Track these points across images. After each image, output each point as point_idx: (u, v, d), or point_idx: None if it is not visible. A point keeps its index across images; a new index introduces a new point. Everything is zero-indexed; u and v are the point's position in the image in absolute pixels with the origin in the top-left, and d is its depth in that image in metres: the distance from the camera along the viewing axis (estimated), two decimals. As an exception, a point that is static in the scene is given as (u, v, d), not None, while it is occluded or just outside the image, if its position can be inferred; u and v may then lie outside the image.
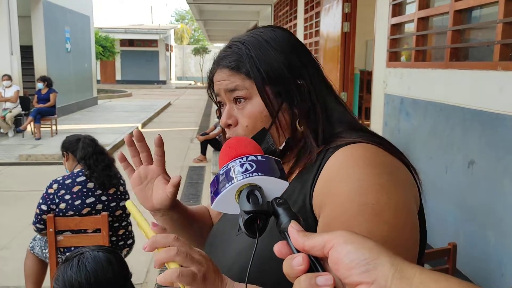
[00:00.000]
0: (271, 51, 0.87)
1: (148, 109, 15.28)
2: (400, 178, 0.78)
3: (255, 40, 0.88)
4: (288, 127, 0.88)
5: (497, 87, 2.63)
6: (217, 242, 0.98)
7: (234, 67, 0.87)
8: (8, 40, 10.39)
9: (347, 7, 5.36)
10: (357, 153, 0.79)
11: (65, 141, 2.98)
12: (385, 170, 0.76)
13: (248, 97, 0.87)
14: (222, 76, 0.89)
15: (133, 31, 30.80)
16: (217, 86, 0.91)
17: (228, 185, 0.60)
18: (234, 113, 0.89)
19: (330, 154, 0.82)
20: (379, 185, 0.73)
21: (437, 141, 3.31)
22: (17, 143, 9.22)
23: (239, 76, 0.87)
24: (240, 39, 0.91)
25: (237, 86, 0.87)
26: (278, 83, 0.86)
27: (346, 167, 0.77)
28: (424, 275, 0.44)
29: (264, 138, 0.87)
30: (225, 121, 0.89)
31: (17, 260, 3.67)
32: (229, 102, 0.89)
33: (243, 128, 0.88)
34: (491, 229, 2.71)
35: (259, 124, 0.87)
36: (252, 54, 0.86)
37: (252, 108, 0.87)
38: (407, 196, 0.76)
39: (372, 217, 0.70)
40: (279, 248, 0.52)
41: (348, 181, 0.74)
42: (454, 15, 3.09)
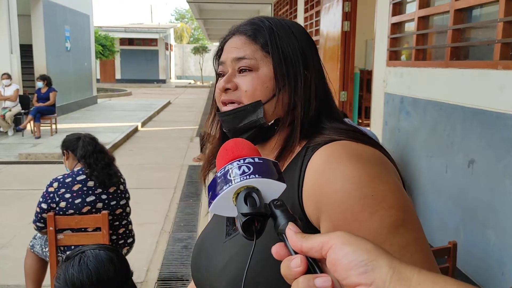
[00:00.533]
0: (292, 35, 0.90)
1: (148, 108, 15.28)
2: (384, 166, 0.79)
3: (278, 21, 0.92)
4: (283, 108, 0.89)
5: (497, 86, 2.63)
6: (205, 250, 0.98)
7: (251, 35, 0.90)
8: (8, 39, 10.38)
9: (347, 6, 5.36)
10: (338, 151, 0.79)
11: (65, 140, 2.97)
12: (369, 161, 0.77)
13: (254, 68, 0.88)
14: (235, 43, 0.91)
15: (133, 30, 30.78)
16: (226, 53, 0.92)
17: (225, 187, 0.60)
18: (235, 80, 0.90)
19: (310, 154, 0.82)
20: (369, 176, 0.74)
21: (437, 140, 3.31)
22: (17, 142, 9.22)
23: (253, 46, 0.89)
24: (263, 16, 0.94)
25: (247, 55, 0.88)
26: (289, 65, 0.88)
27: (330, 166, 0.77)
28: (422, 277, 0.44)
29: (256, 111, 0.88)
30: (223, 84, 0.90)
31: (17, 259, 3.67)
32: (232, 70, 0.90)
33: (242, 93, 0.89)
34: (492, 228, 2.71)
35: (258, 94, 0.88)
36: (275, 29, 0.89)
37: (256, 77, 0.88)
38: (396, 181, 0.78)
39: (376, 206, 0.71)
40: (277, 250, 0.52)
41: (338, 179, 0.75)
42: (454, 14, 3.09)
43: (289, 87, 0.88)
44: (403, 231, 0.71)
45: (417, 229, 0.73)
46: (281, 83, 0.88)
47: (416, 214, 0.76)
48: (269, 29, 0.89)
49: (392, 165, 0.83)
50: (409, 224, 0.72)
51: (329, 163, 0.77)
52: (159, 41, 30.92)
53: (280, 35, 0.89)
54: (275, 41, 0.88)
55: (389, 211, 0.71)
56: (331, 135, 0.84)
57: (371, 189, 0.72)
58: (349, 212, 0.72)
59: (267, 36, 0.89)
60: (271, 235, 0.58)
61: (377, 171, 0.76)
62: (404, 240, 0.70)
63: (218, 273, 0.88)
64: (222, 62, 0.93)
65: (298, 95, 0.89)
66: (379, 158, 0.80)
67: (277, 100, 0.88)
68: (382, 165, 0.79)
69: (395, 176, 0.79)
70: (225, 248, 0.90)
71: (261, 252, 0.72)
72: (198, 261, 0.98)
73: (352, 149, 0.79)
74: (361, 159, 0.77)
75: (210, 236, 0.99)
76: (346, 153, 0.78)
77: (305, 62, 0.90)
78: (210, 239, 0.98)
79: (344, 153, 0.78)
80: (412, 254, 0.70)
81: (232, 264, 0.85)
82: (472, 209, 2.92)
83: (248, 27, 0.91)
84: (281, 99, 0.88)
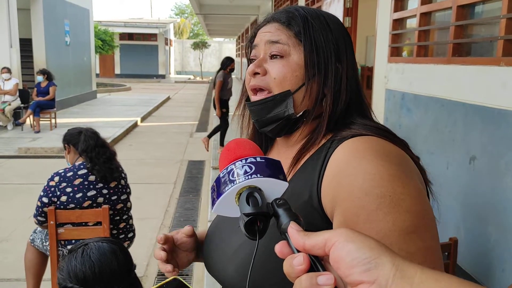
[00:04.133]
0: (326, 26, 0.90)
1: (148, 103, 15.26)
2: (408, 168, 0.78)
3: (314, 12, 0.91)
4: (312, 99, 0.88)
5: (499, 82, 2.63)
6: (218, 232, 0.98)
7: (285, 22, 0.89)
8: (8, 33, 10.35)
9: (349, 2, 5.35)
10: (363, 146, 0.78)
11: (66, 134, 2.97)
12: (393, 161, 0.75)
13: (285, 54, 0.88)
14: (270, 28, 0.91)
15: (132, 25, 30.71)
16: (259, 37, 0.92)
17: (227, 188, 0.60)
18: (265, 65, 0.89)
19: (335, 146, 0.81)
20: (391, 176, 0.72)
21: (438, 137, 3.31)
22: (16, 136, 9.21)
23: (287, 33, 0.88)
24: (298, 6, 0.94)
25: (281, 39, 0.88)
26: (321, 55, 0.87)
27: (354, 160, 0.76)
28: (425, 275, 0.44)
29: (285, 101, 0.87)
30: (253, 68, 0.89)
31: (17, 253, 3.67)
32: (264, 55, 0.90)
33: (271, 79, 0.88)
34: (492, 224, 2.72)
35: (287, 82, 0.87)
36: (309, 18, 0.89)
37: (287, 65, 0.87)
38: (418, 184, 0.76)
39: (391, 208, 0.70)
40: (280, 248, 0.52)
41: (358, 175, 0.73)
42: (457, 10, 3.09)
43: (319, 78, 0.87)
44: (415, 237, 0.69)
45: (430, 238, 0.71)
46: (311, 72, 0.87)
47: (434, 223, 0.74)
48: (303, 17, 0.89)
49: (417, 168, 0.81)
50: (423, 232, 0.70)
51: (353, 157, 0.76)
52: (159, 36, 30.85)
53: (314, 25, 0.88)
54: (308, 30, 0.87)
55: (404, 215, 0.69)
56: (359, 130, 0.83)
57: (390, 189, 0.71)
58: (363, 209, 0.71)
59: (301, 24, 0.88)
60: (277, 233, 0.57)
61: (400, 172, 0.74)
62: (413, 247, 0.68)
63: (229, 256, 0.88)
64: (255, 45, 0.92)
65: (327, 87, 0.87)
66: (405, 159, 0.79)
67: (306, 90, 0.87)
68: (406, 166, 0.77)
69: (417, 180, 0.77)
70: (238, 235, 0.89)
71: (267, 249, 0.72)
72: (211, 242, 0.98)
73: (378, 146, 0.78)
74: (386, 157, 0.75)
75: (225, 219, 0.98)
76: (371, 149, 0.77)
77: (337, 54, 0.89)
78: (224, 223, 0.98)
79: (370, 148, 0.77)
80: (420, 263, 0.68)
81: (243, 250, 0.85)
82: (473, 205, 2.92)
83: (283, 14, 0.91)
84: (309, 90, 0.87)
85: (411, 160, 0.81)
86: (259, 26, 0.94)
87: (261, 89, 0.90)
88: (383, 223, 0.69)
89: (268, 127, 0.90)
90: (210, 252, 0.96)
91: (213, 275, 0.95)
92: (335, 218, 0.76)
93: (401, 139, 0.85)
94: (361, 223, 0.70)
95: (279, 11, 0.93)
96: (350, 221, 0.72)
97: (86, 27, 16.10)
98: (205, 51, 32.47)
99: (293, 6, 0.94)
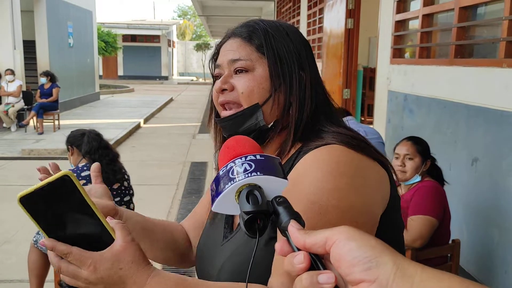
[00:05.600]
0: (286, 36, 0.91)
1: (150, 105, 15.28)
2: (363, 180, 0.79)
3: (273, 23, 0.93)
4: (280, 108, 0.90)
5: (502, 84, 2.63)
6: (204, 254, 0.99)
7: (246, 37, 0.91)
8: (11, 35, 10.39)
9: (351, 3, 5.35)
10: (323, 156, 0.80)
11: (70, 136, 2.98)
12: (347, 173, 0.78)
13: (250, 69, 0.89)
14: (231, 46, 0.92)
15: (135, 27, 30.76)
16: (222, 56, 0.93)
17: (227, 186, 0.59)
18: (231, 80, 0.91)
19: (300, 157, 0.84)
20: (334, 188, 0.76)
21: (441, 138, 3.31)
22: (20, 138, 9.24)
23: (249, 48, 0.90)
24: (257, 19, 0.95)
25: (242, 56, 0.89)
26: (284, 65, 0.89)
27: (309, 169, 0.79)
28: (425, 274, 0.44)
29: (255, 114, 0.89)
30: (220, 85, 0.90)
31: (20, 254, 3.68)
32: (228, 71, 0.91)
33: (238, 94, 0.89)
34: (495, 226, 2.71)
35: (254, 95, 0.88)
36: (269, 30, 0.91)
37: (252, 78, 0.89)
38: (367, 200, 0.78)
39: (316, 215, 0.73)
40: (281, 247, 0.52)
41: (306, 182, 0.77)
42: (459, 11, 3.08)
43: (285, 87, 0.89)
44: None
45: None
46: (276, 83, 0.88)
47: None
48: (263, 30, 0.90)
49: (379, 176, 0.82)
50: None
51: (309, 165, 0.80)
52: (162, 37, 30.89)
53: (274, 36, 0.90)
54: (270, 42, 0.89)
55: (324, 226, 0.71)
56: (325, 139, 0.85)
57: (324, 199, 0.75)
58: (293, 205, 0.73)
59: (262, 37, 0.90)
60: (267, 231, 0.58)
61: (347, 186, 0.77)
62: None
63: (216, 276, 0.89)
64: (218, 65, 0.94)
65: (293, 95, 0.89)
66: (361, 169, 0.81)
67: (273, 100, 0.89)
68: (359, 177, 0.79)
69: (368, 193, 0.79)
70: (222, 251, 0.91)
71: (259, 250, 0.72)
72: (200, 264, 1.01)
73: (338, 155, 0.80)
74: (338, 169, 0.78)
75: (209, 239, 1.00)
76: (330, 159, 0.79)
77: (300, 63, 0.90)
78: (208, 242, 0.99)
79: (328, 158, 0.79)
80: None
81: (227, 267, 0.86)
82: (475, 207, 2.92)
83: (243, 29, 0.92)
84: (277, 100, 0.89)
85: (373, 168, 0.82)
86: (221, 42, 0.96)
87: (228, 103, 0.91)
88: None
89: None
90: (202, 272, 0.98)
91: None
92: None
93: (368, 145, 0.85)
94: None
95: (239, 25, 0.95)
96: None
97: (89, 29, 16.14)
98: (208, 53, 32.49)
99: (253, 19, 0.96)
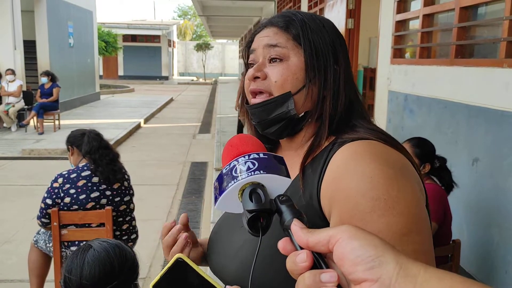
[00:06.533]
0: (322, 28, 0.90)
1: (151, 105, 15.28)
2: (407, 173, 0.79)
3: (310, 15, 0.93)
4: (313, 100, 0.89)
5: (503, 84, 2.63)
6: (222, 232, 0.99)
7: (283, 26, 0.90)
8: (12, 35, 10.39)
9: (352, 3, 5.34)
10: (363, 149, 0.79)
11: (70, 136, 2.98)
12: (391, 165, 0.77)
13: (285, 57, 0.88)
14: (268, 33, 0.91)
15: (135, 27, 30.77)
16: (257, 41, 0.92)
17: (230, 184, 0.59)
18: (265, 69, 0.90)
19: (336, 149, 0.82)
20: (387, 179, 0.74)
21: (441, 138, 3.31)
22: (20, 138, 9.24)
23: (285, 36, 0.89)
24: (294, 10, 0.95)
25: (280, 43, 0.88)
26: (320, 57, 0.88)
27: (353, 163, 0.77)
28: (428, 273, 0.44)
29: (286, 103, 0.88)
30: (253, 73, 0.89)
31: (21, 254, 3.69)
32: (263, 59, 0.90)
33: (271, 83, 0.88)
34: (495, 226, 2.71)
35: (288, 85, 0.87)
36: (306, 21, 0.90)
37: (287, 67, 0.88)
38: (416, 189, 0.77)
39: (385, 211, 0.71)
40: (284, 245, 0.52)
41: (356, 177, 0.75)
42: (460, 11, 3.08)
43: (319, 80, 0.88)
44: (407, 240, 0.70)
45: (422, 242, 0.72)
46: (311, 74, 0.87)
47: (427, 227, 0.76)
48: (301, 21, 0.89)
49: (416, 173, 0.82)
50: (415, 235, 0.72)
51: (352, 160, 0.78)
52: (162, 37, 30.89)
53: (312, 28, 0.89)
54: (307, 33, 0.88)
55: (397, 218, 0.71)
56: (360, 133, 0.84)
57: (385, 192, 0.72)
58: (358, 210, 0.72)
59: (299, 27, 0.89)
60: (280, 230, 0.58)
61: (397, 175, 0.75)
62: (405, 249, 0.69)
63: (232, 256, 0.89)
64: (253, 50, 0.93)
65: (327, 88, 0.88)
66: (403, 164, 0.80)
67: (306, 92, 0.87)
68: (404, 171, 0.78)
69: (415, 184, 0.78)
70: (241, 233, 0.90)
71: (270, 247, 0.72)
72: (214, 241, 0.99)
73: (378, 150, 0.79)
74: (384, 161, 0.76)
75: (229, 219, 0.99)
76: (370, 153, 0.78)
77: (335, 56, 0.90)
78: (228, 222, 0.98)
79: (369, 152, 0.78)
80: None
81: (244, 251, 0.86)
82: (476, 207, 2.92)
83: (280, 19, 0.91)
84: (310, 91, 0.88)
85: (411, 166, 0.82)
86: (257, 31, 0.95)
87: (260, 92, 0.90)
88: (377, 224, 0.70)
89: (270, 129, 0.90)
90: (213, 252, 0.97)
91: (216, 275, 0.96)
92: (331, 218, 0.78)
93: (400, 144, 0.85)
94: (355, 223, 0.71)
95: (276, 16, 0.94)
96: (345, 222, 0.73)
97: (90, 29, 16.14)
98: (208, 53, 32.48)
99: (289, 10, 0.95)
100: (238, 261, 0.86)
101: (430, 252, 0.74)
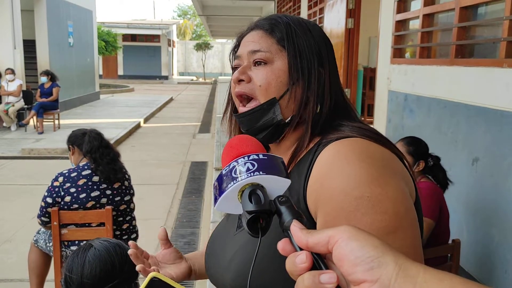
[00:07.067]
0: (307, 31, 0.91)
1: (150, 104, 15.28)
2: (392, 169, 0.78)
3: (296, 19, 0.93)
4: (297, 103, 0.89)
5: (503, 84, 2.63)
6: (217, 241, 0.99)
7: (268, 29, 0.91)
8: (11, 34, 10.39)
9: (352, 3, 5.35)
10: (346, 148, 0.79)
11: (71, 135, 2.99)
12: (375, 163, 0.77)
13: (269, 61, 0.89)
14: (252, 37, 0.92)
15: (135, 26, 30.73)
16: (242, 47, 0.94)
17: (230, 185, 0.59)
18: (249, 72, 0.91)
19: (321, 149, 0.82)
20: (370, 177, 0.74)
21: (441, 138, 3.31)
22: (20, 137, 9.24)
23: (270, 40, 0.90)
24: (281, 14, 0.96)
25: (263, 48, 0.90)
26: (304, 60, 0.89)
27: (336, 162, 0.77)
28: (428, 274, 0.44)
29: (272, 109, 0.89)
30: (237, 75, 0.90)
31: (20, 253, 3.69)
32: (247, 63, 0.91)
33: (256, 86, 0.89)
34: (495, 226, 2.71)
35: (272, 89, 0.88)
36: (291, 24, 0.91)
37: (271, 71, 0.89)
38: (400, 185, 0.77)
39: (369, 209, 0.71)
40: (283, 246, 0.52)
41: (339, 176, 0.75)
42: (460, 11, 3.08)
43: (303, 82, 0.89)
44: (393, 238, 0.70)
45: (409, 238, 0.72)
46: (294, 77, 0.88)
47: (414, 223, 0.75)
48: (286, 24, 0.90)
49: (403, 168, 0.82)
50: (401, 233, 0.71)
51: (335, 159, 0.78)
52: (162, 37, 30.87)
53: (296, 31, 0.90)
54: (291, 36, 0.89)
55: (381, 216, 0.71)
56: (345, 132, 0.84)
57: (369, 190, 0.72)
58: (342, 209, 0.73)
59: (284, 30, 0.90)
60: (278, 231, 0.58)
61: (380, 173, 0.75)
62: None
63: (226, 265, 0.89)
64: (238, 56, 0.94)
65: (311, 91, 0.89)
66: (388, 159, 0.80)
67: (290, 95, 0.88)
68: (389, 168, 0.78)
69: (401, 181, 0.77)
70: (234, 241, 0.91)
71: (268, 248, 0.72)
72: (211, 250, 1.00)
73: (361, 147, 0.79)
74: (367, 159, 0.76)
75: (224, 227, 1.00)
76: (354, 151, 0.78)
77: (320, 59, 0.90)
78: (223, 230, 1.00)
79: (352, 150, 0.78)
80: None
81: (237, 257, 0.86)
82: (475, 207, 2.92)
83: (265, 22, 0.93)
84: (293, 94, 0.88)
85: (397, 160, 0.82)
86: (243, 34, 0.96)
87: (247, 97, 0.91)
88: (361, 223, 0.70)
89: (259, 135, 0.91)
90: (210, 266, 0.98)
91: (214, 284, 0.96)
92: (318, 219, 0.78)
93: (387, 140, 0.85)
94: (339, 223, 0.71)
95: (262, 18, 0.95)
96: (330, 222, 0.74)
97: (90, 29, 16.14)
98: (208, 52, 32.46)
99: (275, 14, 0.96)
100: (233, 270, 0.87)
101: (418, 247, 0.74)
